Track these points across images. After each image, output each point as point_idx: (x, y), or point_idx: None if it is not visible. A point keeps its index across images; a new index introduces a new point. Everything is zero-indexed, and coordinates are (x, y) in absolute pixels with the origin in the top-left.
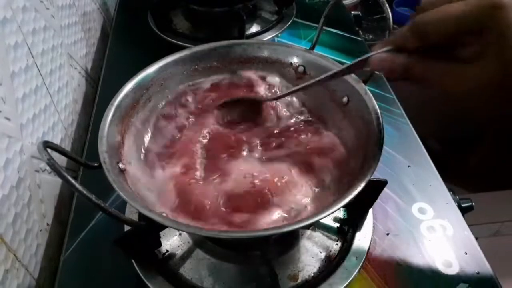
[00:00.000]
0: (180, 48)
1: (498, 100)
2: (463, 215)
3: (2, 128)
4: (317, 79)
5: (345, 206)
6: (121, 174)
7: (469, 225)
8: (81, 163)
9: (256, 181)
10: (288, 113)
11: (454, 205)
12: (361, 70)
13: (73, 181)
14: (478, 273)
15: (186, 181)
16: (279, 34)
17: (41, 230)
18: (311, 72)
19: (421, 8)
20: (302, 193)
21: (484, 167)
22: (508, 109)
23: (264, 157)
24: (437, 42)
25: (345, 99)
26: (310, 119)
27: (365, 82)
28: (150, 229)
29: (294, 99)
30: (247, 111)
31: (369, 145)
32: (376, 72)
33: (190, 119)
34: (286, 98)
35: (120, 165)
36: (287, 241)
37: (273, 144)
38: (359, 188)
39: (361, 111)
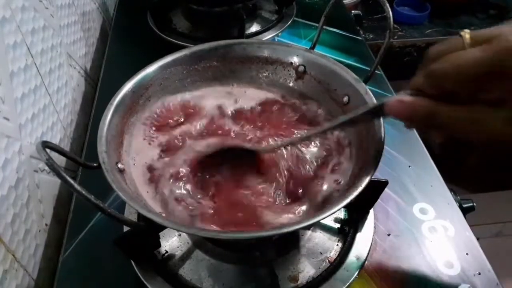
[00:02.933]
0: (180, 48)
1: None
2: (464, 215)
3: (0, 128)
4: (325, 127)
5: (346, 207)
6: (120, 174)
7: (470, 226)
8: (80, 163)
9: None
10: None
11: (455, 206)
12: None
13: (72, 182)
14: (479, 273)
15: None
16: (279, 34)
17: (40, 231)
18: (311, 72)
19: (430, 58)
20: None
21: (485, 167)
22: None
23: None
24: (456, 90)
25: (345, 99)
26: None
27: (365, 81)
28: (150, 229)
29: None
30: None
31: (370, 145)
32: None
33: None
34: None
35: (119, 165)
36: (287, 241)
37: None
38: (359, 189)
39: None
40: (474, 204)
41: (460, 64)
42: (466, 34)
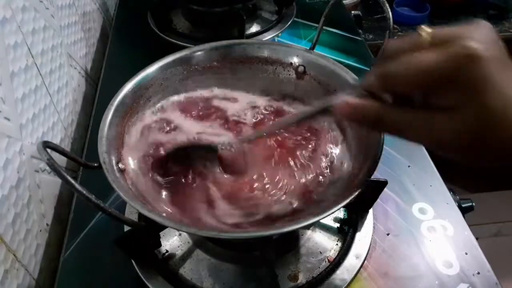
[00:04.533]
0: (180, 48)
1: (474, 153)
2: (463, 215)
3: (1, 128)
4: (276, 125)
5: (345, 206)
6: (121, 174)
7: (469, 226)
8: (81, 163)
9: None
10: None
11: (454, 205)
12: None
13: (72, 181)
14: (478, 273)
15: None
16: (279, 34)
17: (40, 230)
18: (311, 72)
19: (386, 56)
20: None
21: (484, 167)
22: (483, 162)
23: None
24: (407, 93)
25: None
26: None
27: None
28: (150, 229)
29: None
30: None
31: (369, 145)
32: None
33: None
34: None
35: (120, 165)
36: (287, 241)
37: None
38: (359, 188)
39: None
40: (473, 204)
41: (413, 68)
42: (425, 32)
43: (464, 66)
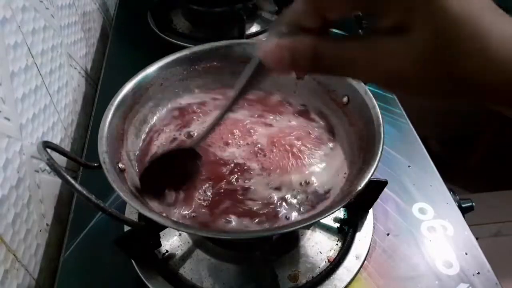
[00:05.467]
0: (180, 48)
1: (431, 85)
2: (463, 215)
3: (1, 128)
4: (227, 107)
5: (345, 206)
6: (121, 174)
7: (469, 225)
8: (81, 163)
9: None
10: None
11: (454, 205)
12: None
13: (72, 181)
14: (478, 273)
15: None
16: None
17: (40, 230)
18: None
19: None
20: None
21: (483, 167)
22: (443, 96)
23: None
24: (343, 14)
25: (345, 99)
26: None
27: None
28: (150, 229)
29: None
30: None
31: (369, 145)
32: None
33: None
34: None
35: (120, 165)
36: (287, 241)
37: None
38: (359, 188)
39: (361, 111)
40: (473, 204)
41: None
42: None
43: None
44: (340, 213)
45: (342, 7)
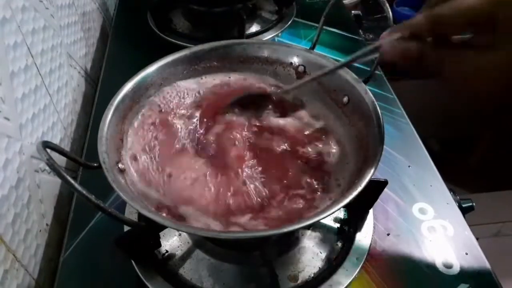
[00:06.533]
0: (180, 48)
1: (505, 93)
2: (463, 215)
3: (1, 128)
4: (326, 70)
5: (346, 206)
6: (120, 174)
7: (469, 226)
8: (81, 163)
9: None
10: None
11: (454, 205)
12: (368, 59)
13: (72, 181)
14: (478, 273)
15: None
16: (279, 34)
17: (40, 230)
18: (311, 72)
19: (432, 2)
20: None
21: (484, 167)
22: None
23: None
24: (452, 32)
25: (345, 99)
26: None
27: (365, 82)
28: (150, 229)
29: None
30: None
31: (369, 145)
32: (386, 60)
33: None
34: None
35: (120, 165)
36: (287, 241)
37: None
38: (359, 188)
39: (361, 111)
40: (473, 204)
41: (458, 7)
42: None
43: (499, 8)
44: (340, 213)
45: (452, 31)
